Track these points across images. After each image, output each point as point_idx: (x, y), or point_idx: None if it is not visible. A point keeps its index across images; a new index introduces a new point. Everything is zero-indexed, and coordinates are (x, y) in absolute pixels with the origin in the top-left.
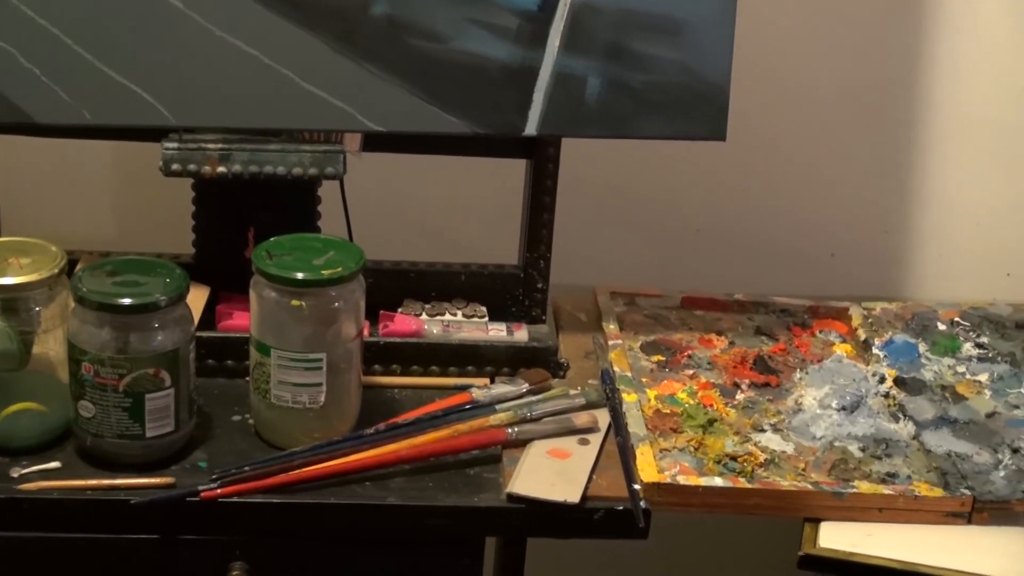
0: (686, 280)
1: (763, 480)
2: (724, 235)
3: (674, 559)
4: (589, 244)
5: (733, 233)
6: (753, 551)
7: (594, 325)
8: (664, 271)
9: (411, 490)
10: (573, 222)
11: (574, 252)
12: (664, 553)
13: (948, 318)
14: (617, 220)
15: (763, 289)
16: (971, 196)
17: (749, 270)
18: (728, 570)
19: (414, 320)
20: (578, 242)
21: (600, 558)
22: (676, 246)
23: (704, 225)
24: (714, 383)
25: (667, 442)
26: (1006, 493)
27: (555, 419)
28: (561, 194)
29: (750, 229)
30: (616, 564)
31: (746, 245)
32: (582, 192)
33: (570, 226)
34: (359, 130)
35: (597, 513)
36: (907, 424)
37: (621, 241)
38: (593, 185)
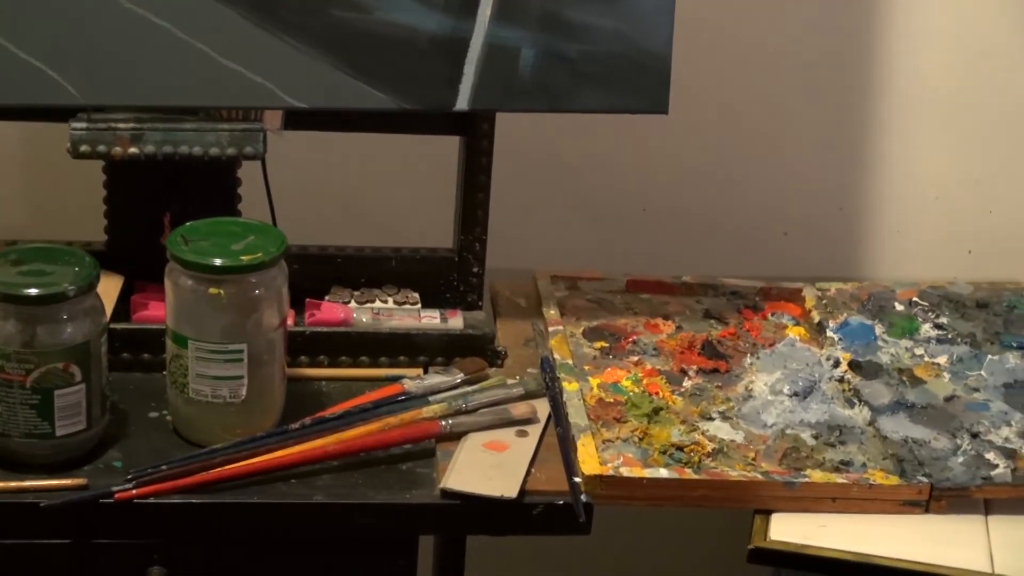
0: (631, 262)
1: (711, 471)
2: (671, 214)
3: (620, 555)
4: (528, 225)
5: (680, 212)
6: (702, 545)
7: (533, 311)
8: (608, 253)
9: (339, 487)
10: (510, 202)
11: (512, 234)
12: (610, 549)
13: (906, 298)
14: (557, 200)
15: (712, 271)
16: (929, 169)
17: (697, 251)
18: (676, 565)
19: (342, 308)
20: (516, 223)
21: (544, 555)
22: (620, 226)
23: (650, 204)
24: (660, 370)
25: (610, 432)
26: (965, 480)
27: (492, 410)
28: (497, 173)
29: (698, 208)
30: (561, 561)
31: (694, 225)
32: (519, 170)
33: (507, 206)
34: (280, 107)
35: (536, 508)
36: (862, 409)
37: (562, 222)
38: (531, 163)
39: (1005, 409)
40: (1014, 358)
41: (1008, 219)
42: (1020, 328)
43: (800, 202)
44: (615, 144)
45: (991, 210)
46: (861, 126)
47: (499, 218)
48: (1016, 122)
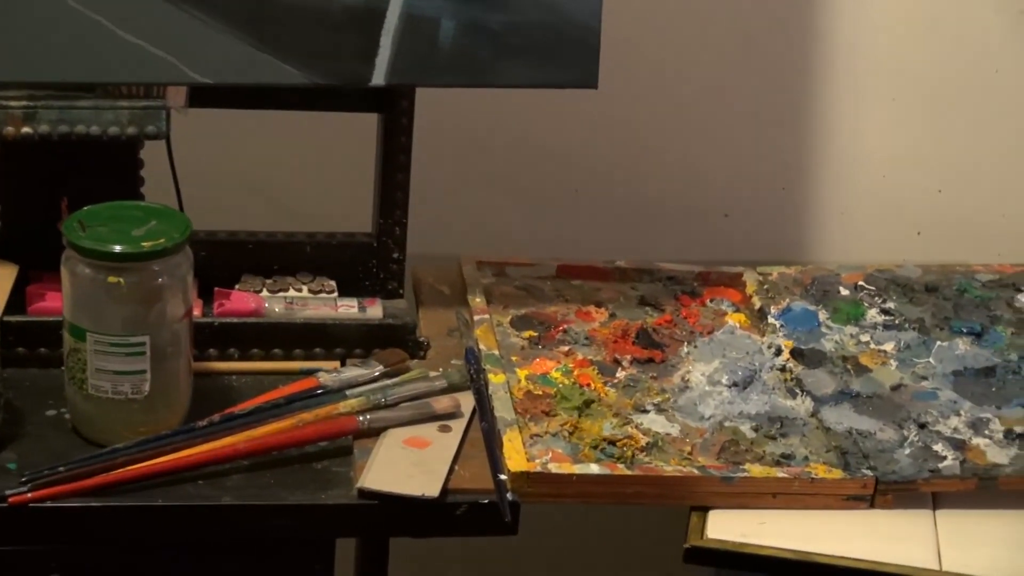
0: (562, 246)
1: (645, 466)
2: (604, 195)
3: (550, 556)
4: (452, 208)
5: (614, 193)
6: (636, 545)
7: (458, 299)
8: (537, 237)
9: (250, 488)
10: (433, 183)
11: (435, 217)
12: (539, 550)
13: (851, 282)
14: (483, 181)
15: (648, 255)
16: (876, 147)
17: (632, 234)
18: (610, 566)
19: (253, 297)
20: (439, 206)
21: (471, 556)
22: (550, 209)
23: (581, 185)
24: (592, 360)
25: (538, 427)
26: (911, 473)
27: (413, 404)
28: (418, 152)
29: (633, 188)
30: (488, 562)
31: (629, 206)
32: (442, 150)
33: (430, 188)
34: (184, 83)
35: (459, 508)
36: (805, 400)
37: (488, 204)
38: (454, 141)
39: (954, 398)
40: (964, 344)
41: (959, 199)
42: (971, 313)
43: (741, 182)
44: (544, 121)
45: (941, 189)
46: (805, 102)
47: (421, 201)
48: (967, 97)
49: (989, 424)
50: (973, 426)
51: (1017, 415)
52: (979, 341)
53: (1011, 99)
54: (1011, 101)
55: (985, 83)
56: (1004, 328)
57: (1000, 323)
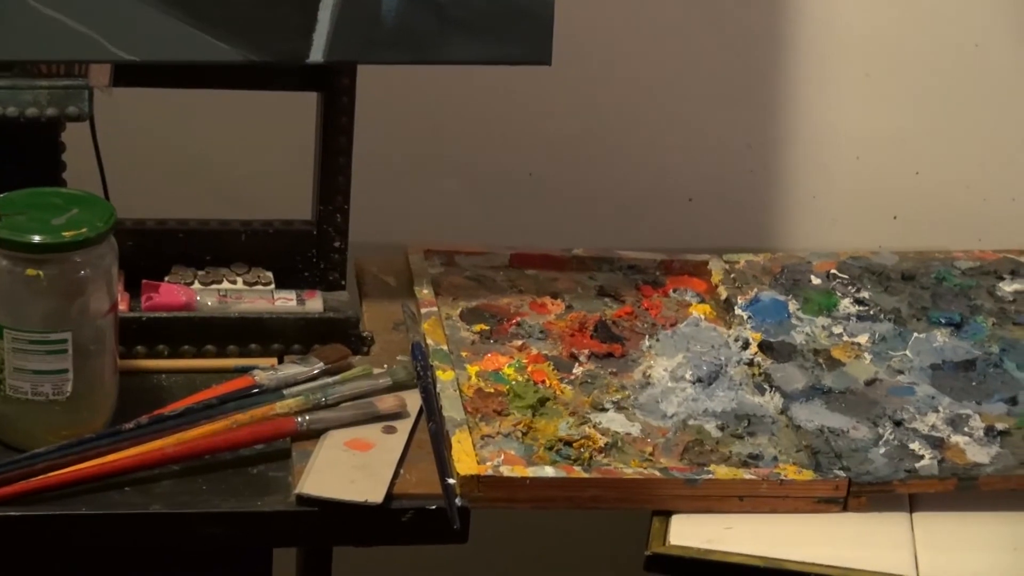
0: (516, 234)
1: (603, 468)
2: (560, 179)
3: (503, 565)
4: (398, 193)
5: (571, 177)
6: (595, 552)
7: (404, 290)
8: (489, 224)
9: (181, 495)
10: (377, 167)
11: (380, 203)
12: (491, 558)
13: (823, 270)
14: (431, 164)
15: (607, 242)
16: (850, 127)
17: (590, 220)
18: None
19: (184, 290)
20: (384, 191)
21: (419, 565)
22: (504, 193)
23: (536, 168)
24: (547, 355)
25: (490, 427)
26: (887, 473)
27: (355, 404)
28: (360, 134)
29: (591, 172)
30: (439, 572)
31: (586, 191)
32: (387, 131)
33: (373, 172)
34: (107, 60)
35: (405, 514)
36: (774, 396)
37: (437, 189)
38: (400, 122)
39: (932, 393)
40: (942, 336)
41: (937, 181)
42: (949, 303)
43: (706, 164)
44: (495, 101)
45: (918, 171)
46: (773, 78)
47: (364, 186)
48: (945, 73)
49: (969, 421)
50: (952, 423)
51: (998, 411)
52: (958, 332)
53: (992, 75)
54: (992, 77)
55: (964, 58)
56: (985, 318)
57: (981, 313)
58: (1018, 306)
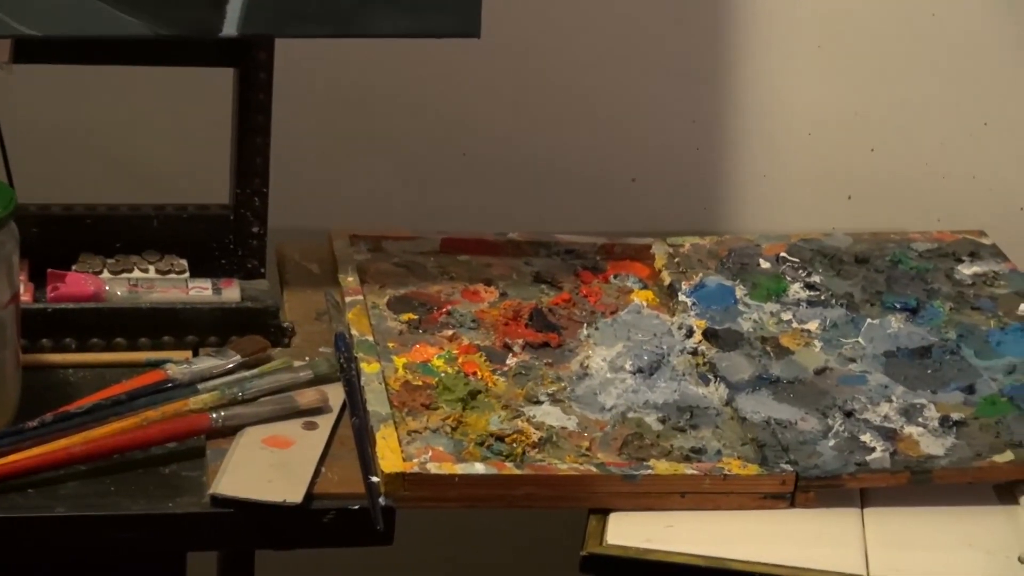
0: (447, 217)
1: (537, 464)
2: (494, 159)
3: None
4: (321, 175)
5: (505, 156)
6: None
7: (328, 278)
8: (419, 207)
9: (88, 497)
10: (298, 147)
11: (301, 186)
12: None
13: (772, 254)
14: (357, 144)
15: (545, 225)
16: (801, 101)
17: (526, 202)
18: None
19: (92, 279)
20: (306, 173)
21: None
22: (434, 175)
23: (469, 147)
24: (479, 346)
25: (417, 422)
26: (836, 467)
27: (274, 399)
28: (279, 112)
29: (527, 151)
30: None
31: (522, 171)
32: (308, 109)
33: (294, 152)
34: (7, 35)
35: (327, 515)
36: (718, 387)
37: (362, 171)
38: (322, 99)
39: (885, 382)
40: (897, 322)
41: (893, 158)
42: (905, 286)
43: (649, 142)
44: (423, 76)
45: (873, 148)
46: (720, 50)
47: (284, 167)
48: (901, 44)
49: (923, 411)
50: (906, 413)
51: (954, 400)
52: (914, 318)
53: (950, 46)
54: (950, 48)
55: (921, 29)
56: (942, 303)
57: (938, 297)
58: (977, 290)
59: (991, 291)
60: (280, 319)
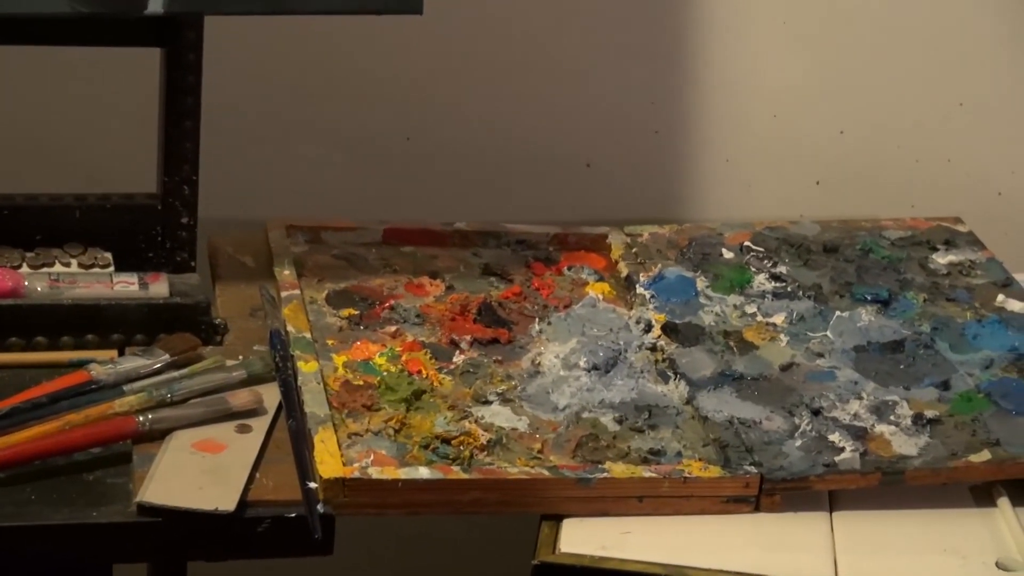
0: (390, 206)
1: (485, 468)
2: (441, 144)
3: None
4: (255, 162)
5: (453, 141)
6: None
7: (263, 272)
8: (360, 195)
9: (6, 506)
10: (230, 132)
11: (234, 173)
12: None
13: (736, 243)
14: (295, 129)
15: (493, 214)
16: (765, 80)
17: (474, 190)
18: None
19: (10, 274)
20: (239, 160)
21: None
22: (376, 161)
23: (414, 132)
24: (424, 342)
25: (358, 424)
26: (803, 468)
27: (205, 401)
28: (210, 95)
29: (475, 135)
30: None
31: (469, 157)
32: (241, 91)
33: (226, 138)
34: None
35: (262, 524)
36: (678, 384)
37: (300, 156)
38: (256, 81)
39: (855, 378)
40: (867, 314)
41: (864, 140)
42: (876, 277)
43: (605, 125)
44: (365, 57)
45: (843, 130)
46: (679, 28)
47: (217, 153)
48: (872, 20)
49: (895, 408)
50: (877, 411)
51: (928, 397)
52: (886, 310)
53: (923, 22)
54: (923, 25)
55: (893, 3)
56: (915, 294)
57: (911, 288)
58: (952, 280)
59: (967, 281)
60: (212, 315)
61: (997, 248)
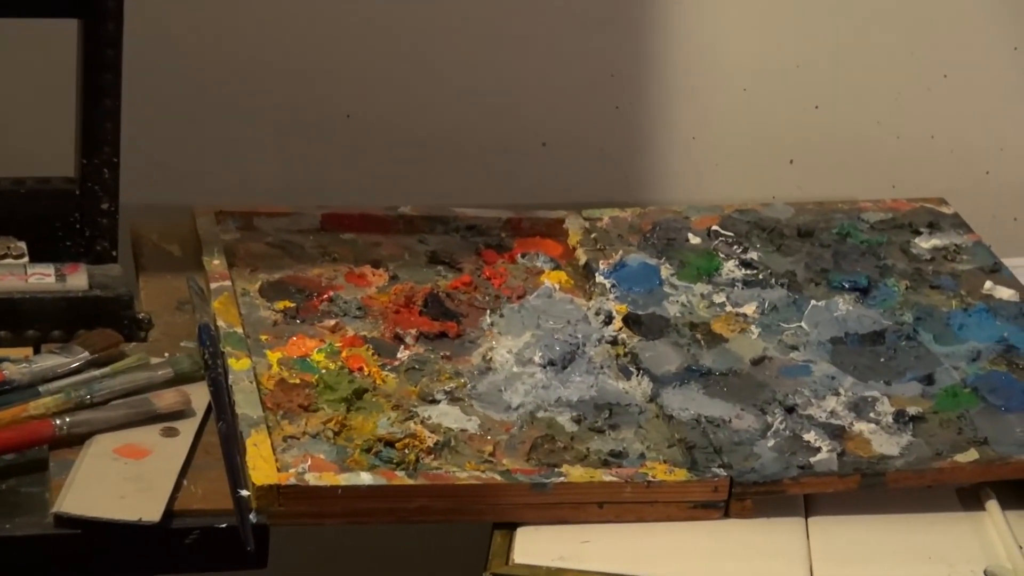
0: (329, 189)
1: (432, 473)
2: (384, 122)
3: None
4: (181, 142)
5: (396, 119)
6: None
7: (191, 262)
8: (296, 178)
9: None
10: (155, 111)
11: (159, 155)
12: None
13: (703, 227)
14: (225, 107)
15: (441, 198)
16: (734, 52)
17: (420, 171)
18: None
19: None
20: (164, 140)
21: None
22: (313, 140)
23: (355, 109)
24: (366, 337)
25: (294, 426)
26: (776, 471)
27: (128, 402)
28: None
29: (421, 113)
30: None
31: (415, 136)
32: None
33: (151, 117)
34: None
35: (189, 535)
36: (641, 381)
37: (231, 136)
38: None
39: (831, 372)
40: (845, 303)
41: (841, 116)
42: (854, 263)
43: (562, 100)
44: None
45: (818, 104)
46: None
47: (139, 134)
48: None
49: (875, 405)
50: (855, 408)
51: (911, 392)
52: (865, 299)
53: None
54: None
55: None
56: (896, 281)
57: (892, 275)
58: (936, 266)
59: (952, 267)
60: (135, 309)
61: (984, 231)
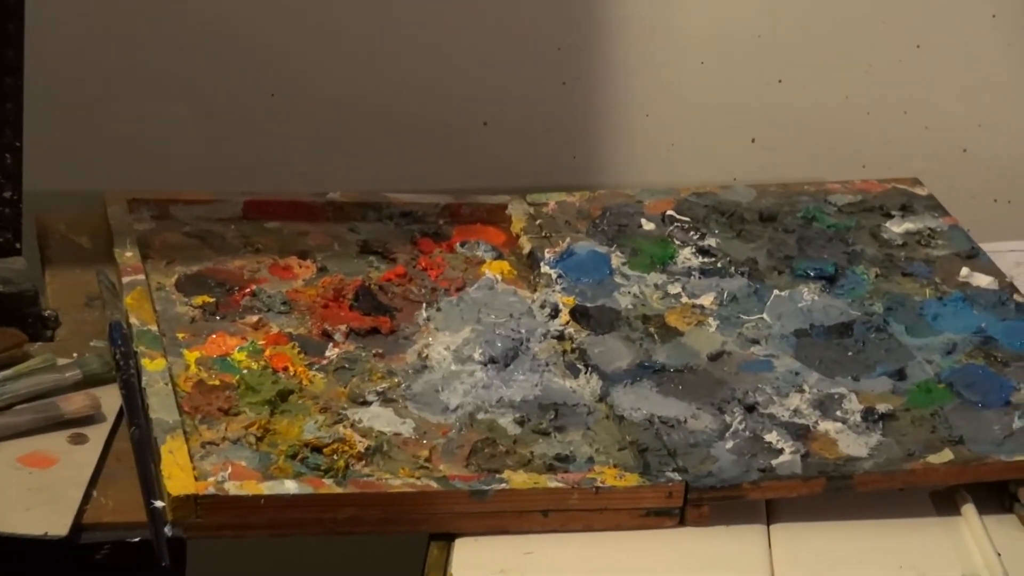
0: (254, 174)
1: (363, 480)
2: (311, 100)
3: None
4: (91, 125)
5: (325, 97)
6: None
7: (102, 254)
8: (217, 162)
9: None
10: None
11: (66, 139)
12: None
13: (658, 212)
14: (136, 84)
15: (374, 183)
16: (692, 23)
17: (352, 154)
18: None
19: None
20: (71, 122)
21: None
22: (234, 121)
23: (279, 87)
24: (292, 334)
25: (213, 431)
26: (735, 474)
27: (33, 407)
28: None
29: (351, 90)
30: None
31: (346, 114)
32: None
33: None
34: None
35: (100, 550)
36: (590, 378)
37: (145, 116)
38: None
39: (795, 368)
40: (810, 293)
41: (806, 90)
42: (821, 249)
43: (506, 76)
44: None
45: (781, 78)
46: None
47: (44, 116)
48: None
49: (843, 402)
50: (821, 406)
51: (881, 388)
52: (832, 288)
53: None
54: None
55: None
56: (866, 269)
57: (861, 262)
58: (909, 252)
59: (927, 253)
60: (41, 306)
61: (961, 214)
